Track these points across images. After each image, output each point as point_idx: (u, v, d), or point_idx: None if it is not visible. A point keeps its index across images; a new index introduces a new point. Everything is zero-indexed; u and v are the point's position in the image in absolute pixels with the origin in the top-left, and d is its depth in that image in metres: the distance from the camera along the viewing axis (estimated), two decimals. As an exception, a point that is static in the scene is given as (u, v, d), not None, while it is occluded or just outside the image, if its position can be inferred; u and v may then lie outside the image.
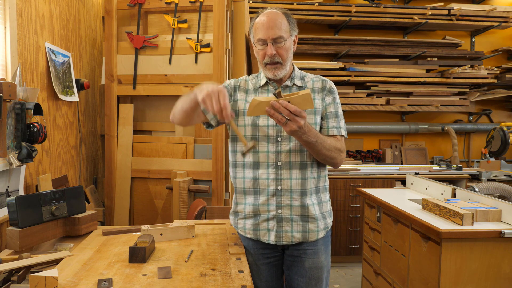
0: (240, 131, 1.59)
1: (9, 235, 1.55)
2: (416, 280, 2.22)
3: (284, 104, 1.31)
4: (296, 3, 4.30)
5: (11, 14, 1.86)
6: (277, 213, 1.57)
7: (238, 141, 1.63)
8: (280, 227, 1.58)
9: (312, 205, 1.59)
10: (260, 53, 1.56)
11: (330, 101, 1.62)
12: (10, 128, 1.79)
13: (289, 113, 1.32)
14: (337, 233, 3.95)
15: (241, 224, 1.66)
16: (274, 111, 1.33)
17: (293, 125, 1.34)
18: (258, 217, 1.60)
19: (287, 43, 1.54)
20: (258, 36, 1.53)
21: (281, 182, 1.56)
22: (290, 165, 1.56)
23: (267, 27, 1.51)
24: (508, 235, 1.93)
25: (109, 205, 2.86)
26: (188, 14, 2.87)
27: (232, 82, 1.68)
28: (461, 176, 4.01)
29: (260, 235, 1.61)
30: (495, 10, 4.50)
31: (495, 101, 4.94)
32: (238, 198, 1.66)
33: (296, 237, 1.58)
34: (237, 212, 1.68)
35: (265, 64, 1.56)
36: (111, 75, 2.86)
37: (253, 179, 1.59)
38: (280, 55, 1.53)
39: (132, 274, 1.34)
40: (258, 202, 1.59)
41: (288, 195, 1.57)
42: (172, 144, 2.86)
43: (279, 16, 1.53)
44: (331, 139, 1.55)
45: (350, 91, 4.44)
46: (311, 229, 1.59)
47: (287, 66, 1.57)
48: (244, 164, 1.61)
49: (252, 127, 1.59)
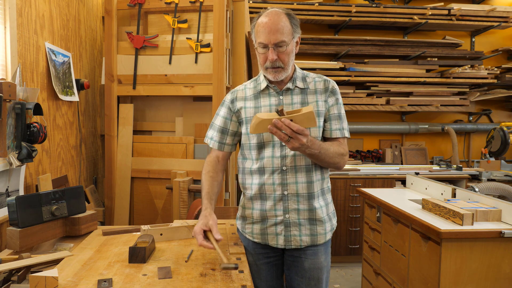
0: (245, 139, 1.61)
1: (9, 235, 1.55)
2: (416, 280, 2.22)
3: (286, 123, 1.31)
4: (296, 3, 4.30)
5: (11, 14, 1.86)
6: (285, 218, 1.57)
7: (245, 149, 1.64)
8: (288, 232, 1.57)
9: (320, 208, 1.59)
10: (261, 57, 1.54)
11: (333, 103, 1.61)
12: (10, 128, 1.79)
13: (292, 131, 1.32)
14: (337, 233, 3.95)
15: (249, 229, 1.65)
16: (277, 129, 1.32)
17: (295, 143, 1.35)
18: (265, 222, 1.60)
19: (289, 47, 1.52)
20: (260, 40, 1.51)
21: (287, 187, 1.56)
22: (296, 169, 1.56)
23: (268, 31, 1.48)
24: (508, 235, 1.93)
25: (109, 205, 2.86)
26: (188, 14, 2.87)
27: (229, 96, 1.68)
28: (461, 176, 4.01)
29: (268, 240, 1.60)
30: (495, 10, 4.50)
31: (495, 101, 4.94)
32: (246, 204, 1.65)
33: (305, 240, 1.58)
34: (245, 217, 1.67)
35: (266, 67, 1.55)
36: (111, 75, 2.86)
37: (259, 185, 1.59)
38: (281, 60, 1.51)
39: (132, 274, 1.34)
40: (265, 208, 1.59)
41: (295, 200, 1.56)
42: (172, 144, 2.86)
43: (281, 18, 1.49)
44: (334, 146, 1.54)
45: (350, 91, 4.44)
46: (319, 232, 1.60)
47: (289, 69, 1.56)
48: (251, 171, 1.61)
49: (256, 135, 1.58)
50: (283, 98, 1.58)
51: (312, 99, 1.58)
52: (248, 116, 1.61)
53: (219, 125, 1.67)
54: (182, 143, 2.85)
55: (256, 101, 1.61)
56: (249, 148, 1.61)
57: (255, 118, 1.35)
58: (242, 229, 1.69)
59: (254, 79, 1.69)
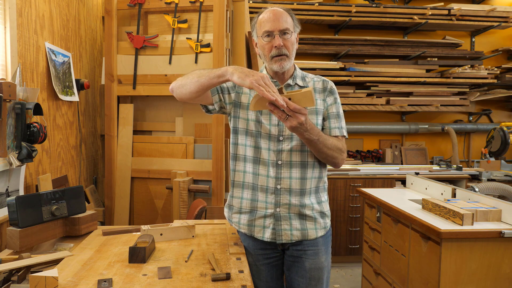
0: (243, 124, 1.60)
1: (9, 235, 1.55)
2: (416, 280, 2.22)
3: (285, 100, 1.32)
4: (296, 3, 4.30)
5: (11, 14, 1.86)
6: (275, 211, 1.57)
7: (240, 134, 1.63)
8: (278, 225, 1.58)
9: (311, 205, 1.59)
10: (267, 46, 1.55)
11: (331, 102, 1.63)
12: (10, 128, 1.79)
13: (289, 109, 1.34)
14: (337, 233, 3.95)
15: (235, 218, 1.66)
16: (275, 107, 1.34)
17: (293, 120, 1.36)
18: (254, 213, 1.60)
19: (293, 37, 1.56)
20: (265, 29, 1.53)
21: (280, 181, 1.57)
22: (291, 165, 1.57)
23: (273, 20, 1.52)
24: (508, 235, 1.93)
25: (109, 205, 2.86)
26: (188, 14, 2.87)
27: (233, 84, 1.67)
28: (461, 176, 4.01)
29: (254, 232, 1.61)
30: (495, 10, 4.49)
31: (495, 101, 4.94)
32: (235, 192, 1.66)
33: (296, 235, 1.59)
34: (232, 206, 1.68)
35: (271, 57, 1.55)
36: (111, 75, 2.86)
37: (253, 174, 1.59)
38: (286, 47, 1.54)
39: (132, 274, 1.34)
40: (256, 198, 1.59)
41: (287, 194, 1.57)
42: (172, 144, 2.86)
43: (283, 12, 1.56)
44: (333, 139, 1.56)
45: (350, 91, 4.44)
46: (309, 227, 1.60)
47: (292, 60, 1.59)
48: (245, 158, 1.61)
49: (255, 122, 1.59)
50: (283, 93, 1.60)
51: None
52: (247, 102, 1.61)
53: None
54: (182, 143, 2.85)
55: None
56: (245, 134, 1.61)
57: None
58: (229, 218, 1.70)
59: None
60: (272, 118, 1.58)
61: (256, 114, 1.59)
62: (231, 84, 1.64)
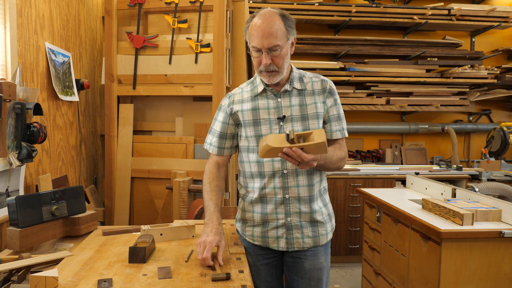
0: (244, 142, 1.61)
1: (9, 235, 1.55)
2: (416, 280, 2.22)
3: (298, 153, 1.31)
4: (296, 3, 4.30)
5: (11, 14, 1.86)
6: (286, 221, 1.57)
7: (243, 151, 1.63)
8: (290, 234, 1.58)
9: (320, 209, 1.60)
10: (255, 60, 1.52)
11: (331, 104, 1.61)
12: (10, 128, 1.79)
13: (303, 160, 1.34)
14: (337, 233, 3.95)
15: (249, 232, 1.65)
16: (288, 157, 1.34)
17: (305, 166, 1.37)
18: (267, 225, 1.60)
19: (283, 51, 1.49)
20: (253, 44, 1.49)
21: (288, 190, 1.56)
22: (297, 173, 1.55)
23: (262, 35, 1.45)
24: (508, 235, 1.93)
25: (109, 205, 2.86)
26: (188, 14, 2.87)
27: (226, 101, 1.67)
28: (461, 176, 4.01)
29: (269, 243, 1.61)
30: (495, 10, 4.49)
31: (495, 101, 4.94)
32: (247, 207, 1.65)
33: (307, 242, 1.59)
34: (245, 219, 1.66)
35: (260, 71, 1.53)
36: (111, 75, 2.86)
37: (260, 188, 1.58)
38: (275, 63, 1.49)
39: (132, 274, 1.34)
40: (266, 211, 1.58)
41: (296, 203, 1.56)
42: (172, 144, 2.86)
43: (275, 20, 1.46)
44: (336, 150, 1.55)
45: (350, 91, 4.44)
46: (321, 233, 1.60)
47: (284, 72, 1.54)
48: (251, 174, 1.60)
49: (255, 138, 1.58)
50: (281, 100, 1.57)
51: (310, 101, 1.57)
52: (246, 119, 1.59)
53: (218, 131, 1.66)
54: (182, 143, 2.85)
55: (254, 103, 1.59)
56: (247, 151, 1.61)
57: (266, 146, 1.35)
58: (242, 232, 1.68)
59: (251, 81, 1.67)
60: (272, 131, 1.57)
61: (254, 129, 1.58)
62: (229, 111, 1.64)
